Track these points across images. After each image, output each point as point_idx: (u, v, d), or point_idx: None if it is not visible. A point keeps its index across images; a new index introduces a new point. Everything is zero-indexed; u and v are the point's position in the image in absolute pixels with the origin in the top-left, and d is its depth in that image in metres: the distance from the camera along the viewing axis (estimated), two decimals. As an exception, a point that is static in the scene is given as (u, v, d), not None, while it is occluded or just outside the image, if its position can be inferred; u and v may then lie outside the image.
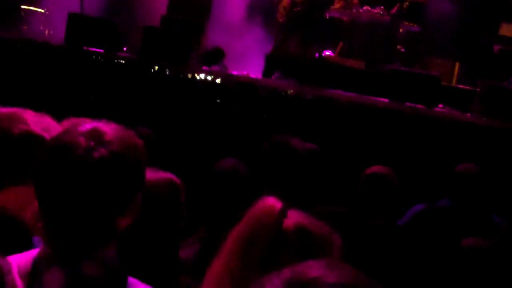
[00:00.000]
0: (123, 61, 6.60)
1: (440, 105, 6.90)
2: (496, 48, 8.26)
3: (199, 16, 8.10)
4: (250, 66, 8.18)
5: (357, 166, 4.14)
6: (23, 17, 8.76)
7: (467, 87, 7.43)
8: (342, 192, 4.02)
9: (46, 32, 8.71)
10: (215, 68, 7.48)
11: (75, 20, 7.34)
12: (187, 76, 6.75)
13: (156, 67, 6.59)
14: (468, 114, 6.51)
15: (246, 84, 6.78)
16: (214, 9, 8.68)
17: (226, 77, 6.95)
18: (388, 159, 5.08)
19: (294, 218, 1.66)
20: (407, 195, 4.12)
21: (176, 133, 5.99)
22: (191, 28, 7.67)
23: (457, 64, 8.36)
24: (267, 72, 7.75)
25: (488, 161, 5.19)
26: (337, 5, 8.61)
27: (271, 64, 7.80)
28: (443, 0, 9.14)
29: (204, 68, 7.30)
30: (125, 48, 7.41)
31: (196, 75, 6.87)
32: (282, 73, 7.67)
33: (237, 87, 6.72)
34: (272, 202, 1.68)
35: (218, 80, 6.81)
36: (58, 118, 2.12)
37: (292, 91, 6.65)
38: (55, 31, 8.45)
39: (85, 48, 6.85)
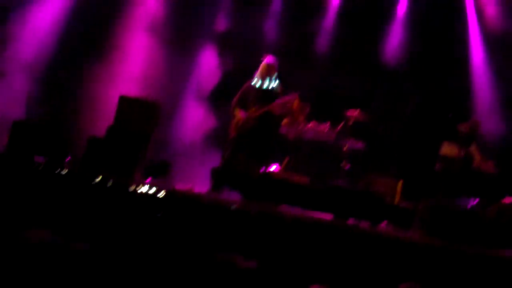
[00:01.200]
0: (65, 171, 6.50)
1: (384, 223, 6.96)
2: (438, 166, 8.47)
3: (146, 128, 8.12)
4: (197, 180, 8.17)
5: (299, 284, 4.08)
6: None
7: (409, 206, 7.53)
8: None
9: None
10: (160, 181, 7.43)
11: (19, 128, 7.28)
12: (128, 189, 6.67)
13: (98, 179, 6.51)
14: (410, 233, 6.56)
15: (189, 198, 6.72)
16: (162, 122, 8.76)
17: (170, 191, 6.89)
18: (330, 276, 5.03)
19: None
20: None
21: (116, 248, 5.84)
22: (137, 139, 7.66)
23: (401, 182, 8.51)
24: (214, 187, 7.73)
25: (429, 279, 5.18)
26: (283, 121, 8.77)
27: (218, 178, 7.80)
28: (386, 119, 9.47)
29: (148, 181, 7.24)
30: (69, 157, 7.33)
31: (139, 187, 6.80)
32: (229, 187, 7.67)
33: (181, 201, 6.65)
34: None
35: (161, 194, 6.74)
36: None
37: (236, 206, 6.61)
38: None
39: (28, 156, 6.76)
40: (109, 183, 6.53)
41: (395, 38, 10.48)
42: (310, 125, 8.87)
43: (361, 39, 10.43)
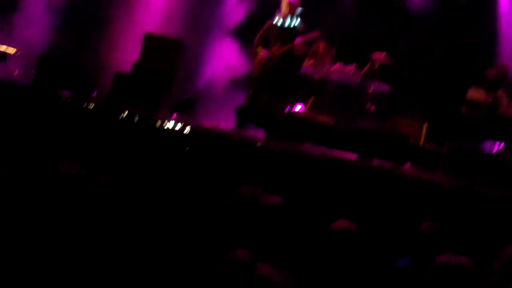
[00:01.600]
0: (92, 106, 6.55)
1: (408, 164, 6.96)
2: (464, 110, 8.39)
3: (171, 65, 8.13)
4: (222, 118, 8.20)
5: (321, 221, 4.11)
6: None
7: (433, 148, 7.51)
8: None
9: (16, 72, 8.68)
10: (185, 117, 7.48)
11: (45, 63, 7.32)
12: (155, 124, 6.72)
13: (125, 114, 6.56)
14: (434, 174, 6.55)
15: (215, 134, 6.76)
16: (188, 60, 8.75)
17: (195, 127, 6.93)
18: (353, 215, 5.06)
19: None
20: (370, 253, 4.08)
21: (141, 182, 5.92)
22: (162, 77, 7.69)
23: (426, 124, 8.46)
24: (239, 125, 7.77)
25: (452, 220, 5.20)
26: (309, 62, 8.73)
27: (243, 117, 7.83)
28: (413, 61, 9.36)
29: (174, 116, 7.29)
30: (95, 93, 7.39)
31: (165, 123, 6.84)
32: (253, 126, 7.70)
33: (206, 138, 6.70)
34: None
35: (187, 130, 6.78)
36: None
37: (260, 143, 6.64)
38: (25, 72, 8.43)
39: (54, 90, 6.81)
40: (135, 118, 6.58)
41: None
42: (335, 66, 8.81)
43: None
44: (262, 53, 8.04)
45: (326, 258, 3.33)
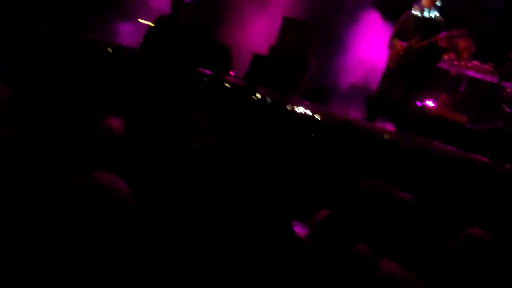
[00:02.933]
0: (229, 85, 6.79)
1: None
2: None
3: (307, 50, 8.23)
4: (353, 107, 8.21)
5: (449, 222, 4.07)
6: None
7: None
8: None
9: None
10: (316, 104, 7.56)
11: (186, 40, 7.62)
12: (286, 108, 6.86)
13: (259, 95, 6.74)
14: None
15: (344, 123, 6.80)
16: (323, 45, 8.79)
17: (326, 115, 7.00)
18: (485, 222, 4.95)
19: None
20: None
21: (269, 163, 6.08)
22: (298, 61, 7.81)
23: None
24: (369, 115, 7.71)
25: None
26: (446, 56, 8.53)
27: (373, 107, 7.78)
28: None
29: (305, 102, 7.40)
30: (232, 73, 7.61)
31: (295, 108, 6.96)
32: (383, 117, 7.64)
33: (335, 126, 6.75)
34: None
35: (317, 116, 6.87)
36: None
37: (389, 136, 6.62)
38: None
39: (195, 68, 7.09)
40: (269, 101, 6.76)
41: None
42: (473, 63, 8.56)
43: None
44: (399, 44, 7.89)
45: (454, 265, 3.30)
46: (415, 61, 7.75)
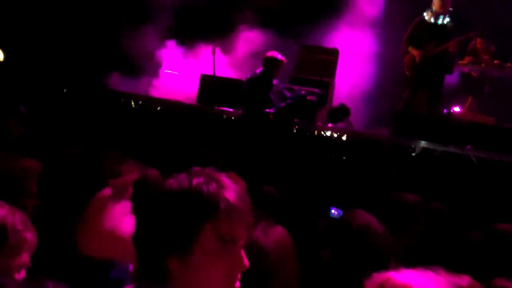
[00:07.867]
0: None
1: None
2: None
3: (325, 75, 8.25)
4: (374, 123, 8.16)
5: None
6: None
7: None
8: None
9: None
10: (340, 125, 7.53)
11: (207, 81, 7.74)
12: (313, 133, 6.87)
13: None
14: None
15: (372, 141, 6.78)
16: (340, 68, 8.79)
17: (352, 134, 6.99)
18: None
19: None
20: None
21: (302, 190, 6.08)
22: (317, 86, 7.83)
23: None
24: (397, 130, 7.51)
25: None
26: (466, 60, 8.44)
27: (400, 121, 7.63)
28: None
29: (330, 125, 7.38)
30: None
31: (322, 132, 6.97)
32: (411, 131, 7.50)
33: (363, 144, 6.73)
34: None
35: (344, 137, 6.87)
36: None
37: (418, 150, 6.57)
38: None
39: (216, 107, 7.18)
40: (295, 129, 6.79)
41: None
42: (494, 63, 8.45)
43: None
44: (414, 51, 7.79)
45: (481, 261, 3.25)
46: (433, 68, 7.65)
